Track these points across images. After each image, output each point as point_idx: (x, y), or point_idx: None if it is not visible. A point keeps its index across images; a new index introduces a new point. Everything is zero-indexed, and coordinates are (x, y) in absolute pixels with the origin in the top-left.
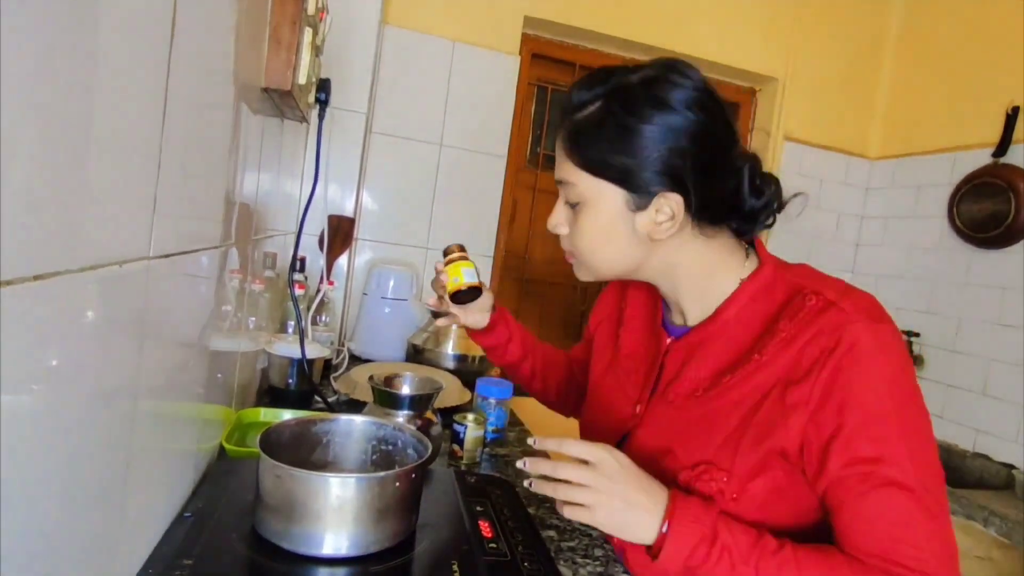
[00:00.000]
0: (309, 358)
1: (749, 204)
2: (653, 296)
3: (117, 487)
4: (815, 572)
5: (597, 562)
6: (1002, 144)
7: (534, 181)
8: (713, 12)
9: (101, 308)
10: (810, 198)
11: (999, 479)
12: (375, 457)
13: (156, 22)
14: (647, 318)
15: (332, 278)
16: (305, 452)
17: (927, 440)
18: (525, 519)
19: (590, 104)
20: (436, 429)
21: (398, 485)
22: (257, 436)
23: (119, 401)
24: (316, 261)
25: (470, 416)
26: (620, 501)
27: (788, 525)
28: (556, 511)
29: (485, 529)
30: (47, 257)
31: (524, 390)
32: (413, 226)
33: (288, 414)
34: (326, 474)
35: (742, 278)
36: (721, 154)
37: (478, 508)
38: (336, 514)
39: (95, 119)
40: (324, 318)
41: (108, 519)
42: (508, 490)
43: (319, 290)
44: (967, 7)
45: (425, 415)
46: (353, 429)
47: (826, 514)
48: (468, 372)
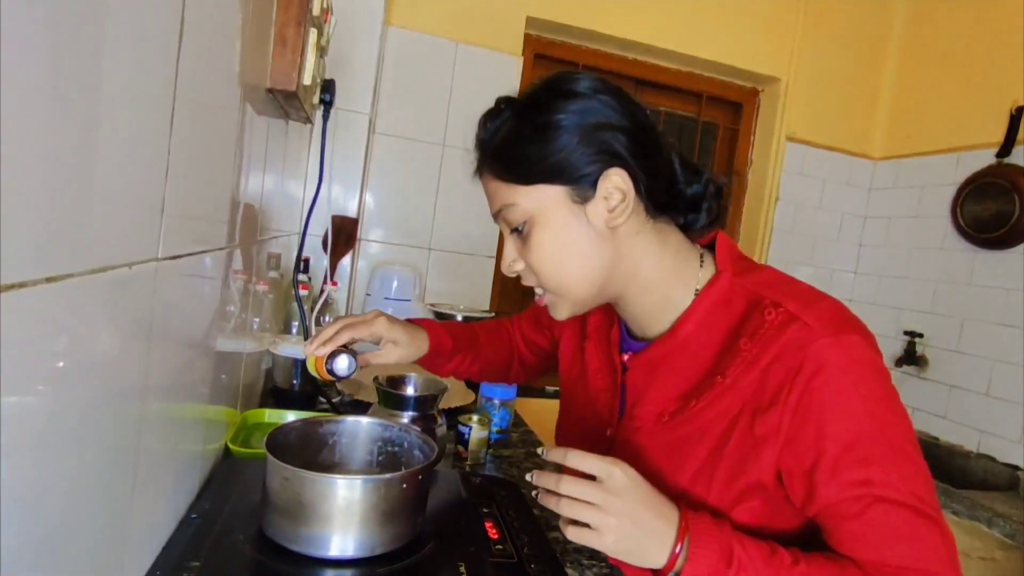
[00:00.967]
0: None
1: (688, 191)
2: (609, 312)
3: (124, 489)
4: None
5: (603, 563)
6: (1006, 144)
7: None
8: (716, 12)
9: (111, 310)
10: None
11: (1003, 480)
12: (381, 458)
13: (165, 23)
14: (604, 334)
15: (335, 279)
16: (311, 453)
17: (910, 446)
18: (531, 521)
19: (501, 126)
20: (441, 430)
21: (405, 487)
22: (262, 437)
23: (127, 402)
24: (320, 262)
25: (474, 417)
26: (629, 522)
27: (775, 533)
28: (560, 529)
29: (491, 531)
30: (58, 259)
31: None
32: (416, 227)
33: (292, 415)
34: (333, 476)
35: (697, 289)
36: (646, 132)
37: (484, 510)
38: (343, 516)
39: (105, 121)
40: (328, 319)
41: (115, 521)
42: (513, 491)
43: (323, 291)
44: (971, 6)
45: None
46: (359, 430)
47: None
48: None
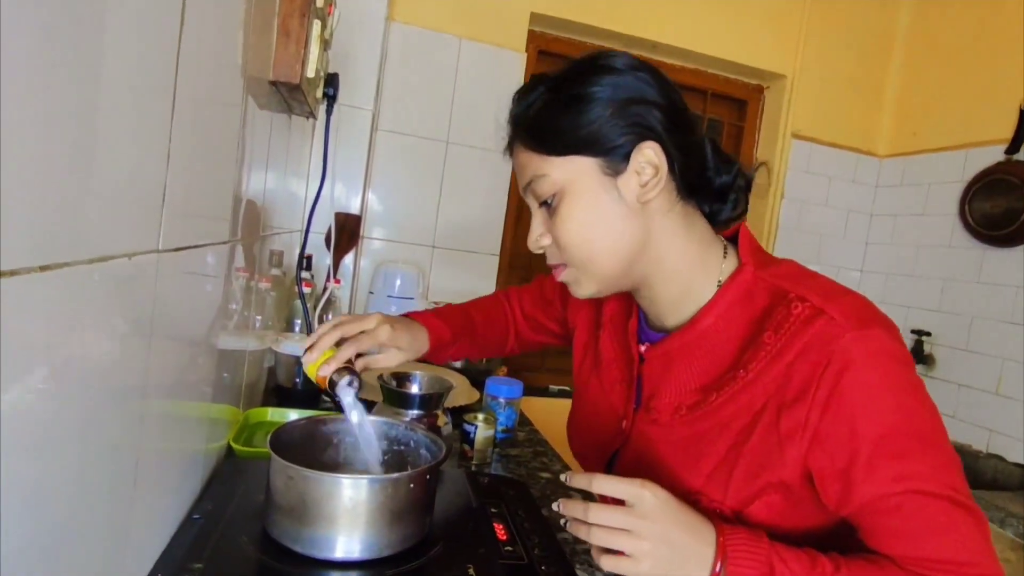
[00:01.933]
0: None
1: (717, 179)
2: (627, 302)
3: (126, 488)
4: None
5: None
6: (1015, 140)
7: None
8: (721, 8)
9: (110, 302)
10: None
11: (1014, 480)
12: (387, 458)
13: (166, 12)
14: (622, 323)
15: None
16: (315, 452)
17: (940, 436)
18: (540, 521)
19: (535, 99)
20: (446, 429)
21: (412, 486)
22: (265, 436)
23: (129, 399)
24: (322, 259)
25: (480, 416)
26: (665, 546)
27: (791, 530)
28: (592, 558)
29: (500, 531)
30: (54, 247)
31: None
32: (419, 224)
33: (295, 414)
34: (339, 475)
35: (720, 280)
36: (680, 111)
37: (492, 510)
38: (349, 516)
39: (105, 110)
40: (330, 317)
41: (116, 521)
42: (522, 491)
43: (326, 288)
44: (978, 1)
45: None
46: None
47: (835, 517)
48: (476, 371)
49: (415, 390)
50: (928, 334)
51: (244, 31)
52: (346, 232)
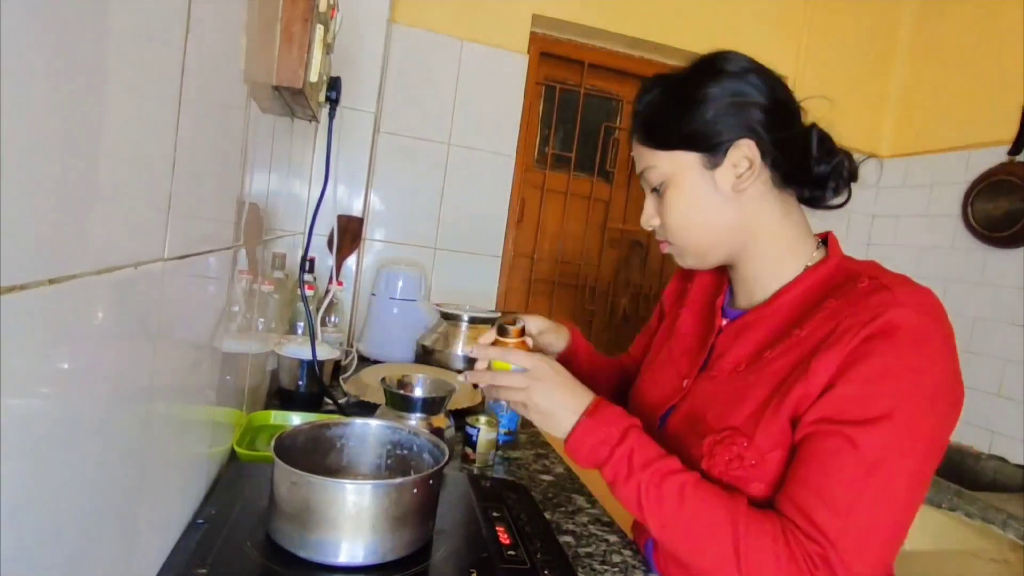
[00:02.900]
0: (320, 360)
1: (817, 168)
2: (719, 280)
3: (131, 493)
4: (699, 504)
5: (616, 568)
6: (1018, 141)
7: (542, 181)
8: (723, 9)
9: (116, 311)
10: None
11: (1015, 481)
12: (390, 462)
13: (171, 19)
14: (707, 301)
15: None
16: (319, 457)
17: (923, 451)
18: (542, 525)
19: (651, 99)
20: (449, 432)
21: (416, 492)
22: (268, 439)
23: (134, 405)
24: (325, 262)
25: (482, 419)
26: (547, 398)
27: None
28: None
29: (502, 535)
30: (62, 260)
31: None
32: (421, 226)
33: (298, 417)
34: (343, 481)
35: (808, 265)
36: (785, 108)
37: (495, 514)
38: (353, 522)
39: (111, 120)
40: (333, 319)
41: (122, 526)
42: (524, 494)
43: (328, 291)
44: (980, 2)
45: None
46: (368, 433)
47: None
48: None
49: (418, 393)
50: None
51: (247, 36)
52: (348, 234)
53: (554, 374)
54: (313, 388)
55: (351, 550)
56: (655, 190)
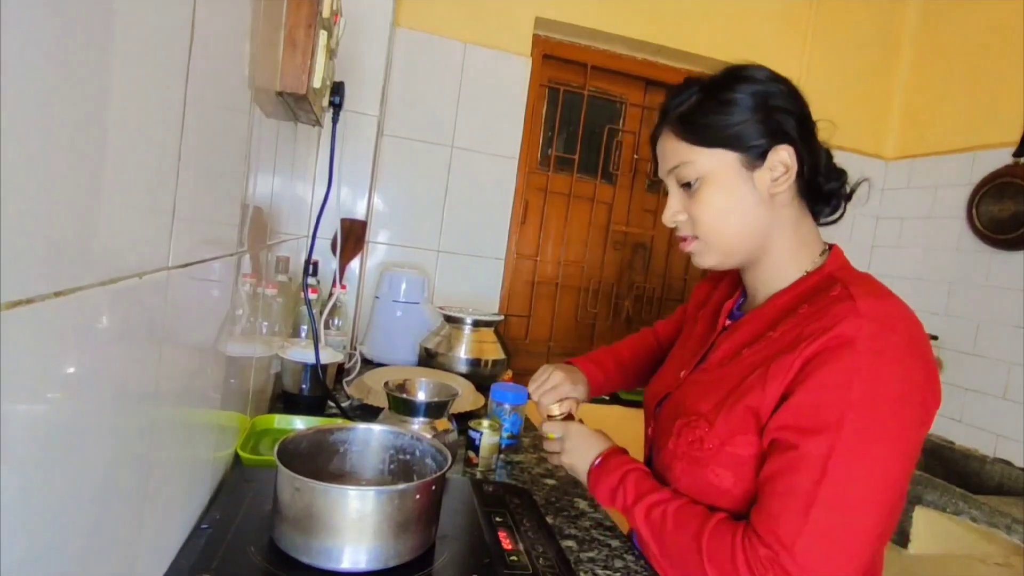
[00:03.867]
0: (323, 363)
1: (826, 185)
2: (735, 284)
3: (136, 498)
4: (676, 527)
5: (618, 573)
6: (1023, 143)
7: (545, 183)
8: (726, 11)
9: (121, 319)
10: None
11: (1020, 485)
12: (392, 467)
13: (176, 26)
14: (721, 302)
15: (344, 282)
16: (322, 462)
17: (882, 455)
18: (544, 529)
19: (688, 98)
20: (452, 436)
21: (419, 497)
22: (271, 443)
23: (138, 412)
24: (328, 265)
25: (485, 422)
26: (569, 456)
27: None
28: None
29: (505, 540)
30: (67, 272)
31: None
32: (424, 229)
33: (301, 420)
34: (346, 487)
35: (807, 271)
36: (811, 122)
37: (497, 519)
38: (356, 527)
39: (116, 129)
40: (337, 322)
41: (127, 532)
42: (526, 499)
43: (331, 294)
44: (985, 4)
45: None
46: (371, 438)
47: None
48: (481, 376)
49: (421, 397)
50: (935, 338)
51: (252, 43)
52: (352, 237)
53: (576, 436)
54: (316, 392)
55: (354, 556)
56: (686, 186)
